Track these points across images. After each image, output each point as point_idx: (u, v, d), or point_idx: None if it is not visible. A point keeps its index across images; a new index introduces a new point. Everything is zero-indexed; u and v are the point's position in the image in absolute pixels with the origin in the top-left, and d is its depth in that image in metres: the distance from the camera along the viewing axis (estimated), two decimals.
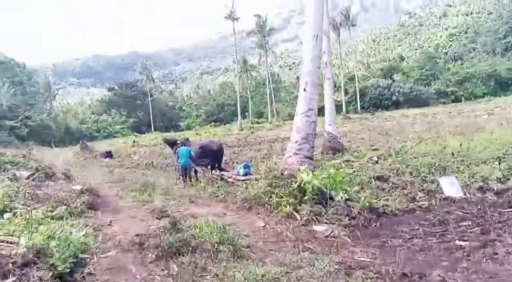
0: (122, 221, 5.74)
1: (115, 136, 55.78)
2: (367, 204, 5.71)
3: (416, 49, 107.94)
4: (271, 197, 5.96)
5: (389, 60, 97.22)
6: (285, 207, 5.56)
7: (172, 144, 13.55)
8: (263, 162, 15.50)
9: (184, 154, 11.37)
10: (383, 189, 8.76)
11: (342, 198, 5.59)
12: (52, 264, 3.05)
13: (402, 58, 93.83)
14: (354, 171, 11.55)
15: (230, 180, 10.98)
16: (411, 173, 9.28)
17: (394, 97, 57.73)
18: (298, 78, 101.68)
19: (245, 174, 11.08)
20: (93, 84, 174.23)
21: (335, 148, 13.88)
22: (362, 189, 8.08)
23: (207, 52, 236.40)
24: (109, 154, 24.03)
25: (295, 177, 6.06)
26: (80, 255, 3.60)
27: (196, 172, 11.96)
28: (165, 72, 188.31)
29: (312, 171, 6.27)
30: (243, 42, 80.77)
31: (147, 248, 4.02)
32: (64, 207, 5.29)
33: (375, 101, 59.79)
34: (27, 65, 62.95)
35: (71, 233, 4.23)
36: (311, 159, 7.04)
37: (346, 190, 5.74)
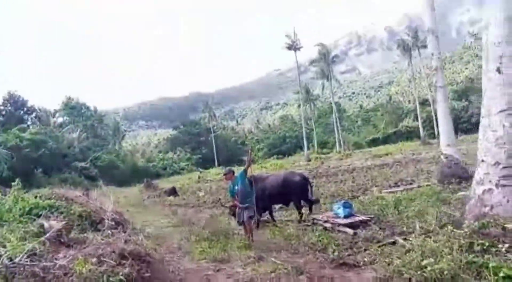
0: None
1: (180, 173, 55.51)
2: None
3: None
4: (479, 274, 2.94)
5: (457, 83, 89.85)
6: None
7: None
8: (357, 197, 12.46)
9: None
10: None
11: None
12: None
13: (472, 80, 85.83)
14: None
15: (327, 224, 8.06)
16: None
17: (473, 119, 52.05)
18: (361, 107, 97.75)
19: (347, 216, 8.15)
20: (160, 126, 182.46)
21: (458, 175, 10.40)
22: None
23: (265, 89, 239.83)
24: (173, 191, 22.54)
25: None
26: None
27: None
28: (226, 110, 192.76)
29: None
30: (302, 76, 79.30)
31: None
32: None
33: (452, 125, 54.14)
34: (98, 109, 66.24)
35: None
36: None
37: None
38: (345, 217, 8.07)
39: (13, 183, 8.10)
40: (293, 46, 49.47)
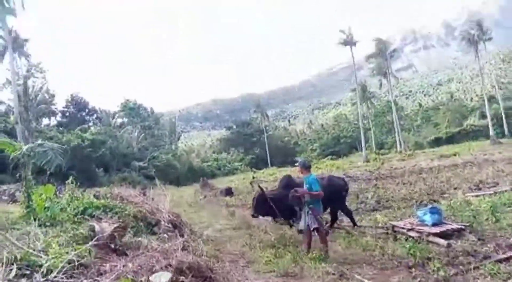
0: None
1: (234, 173, 55.59)
2: None
3: None
4: None
5: None
6: None
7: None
8: (437, 201, 10.96)
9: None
10: None
11: None
12: None
13: None
14: None
15: (412, 233, 6.84)
16: None
17: None
18: (420, 105, 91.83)
19: (436, 224, 6.88)
20: (213, 127, 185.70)
21: None
22: None
23: (316, 89, 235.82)
24: (229, 191, 22.06)
25: None
26: None
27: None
28: (277, 111, 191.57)
29: None
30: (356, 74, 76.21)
31: None
32: None
33: None
34: (154, 111, 68.26)
35: None
36: None
37: None
38: (433, 224, 6.83)
39: (67, 181, 7.80)
40: (348, 41, 47.39)
